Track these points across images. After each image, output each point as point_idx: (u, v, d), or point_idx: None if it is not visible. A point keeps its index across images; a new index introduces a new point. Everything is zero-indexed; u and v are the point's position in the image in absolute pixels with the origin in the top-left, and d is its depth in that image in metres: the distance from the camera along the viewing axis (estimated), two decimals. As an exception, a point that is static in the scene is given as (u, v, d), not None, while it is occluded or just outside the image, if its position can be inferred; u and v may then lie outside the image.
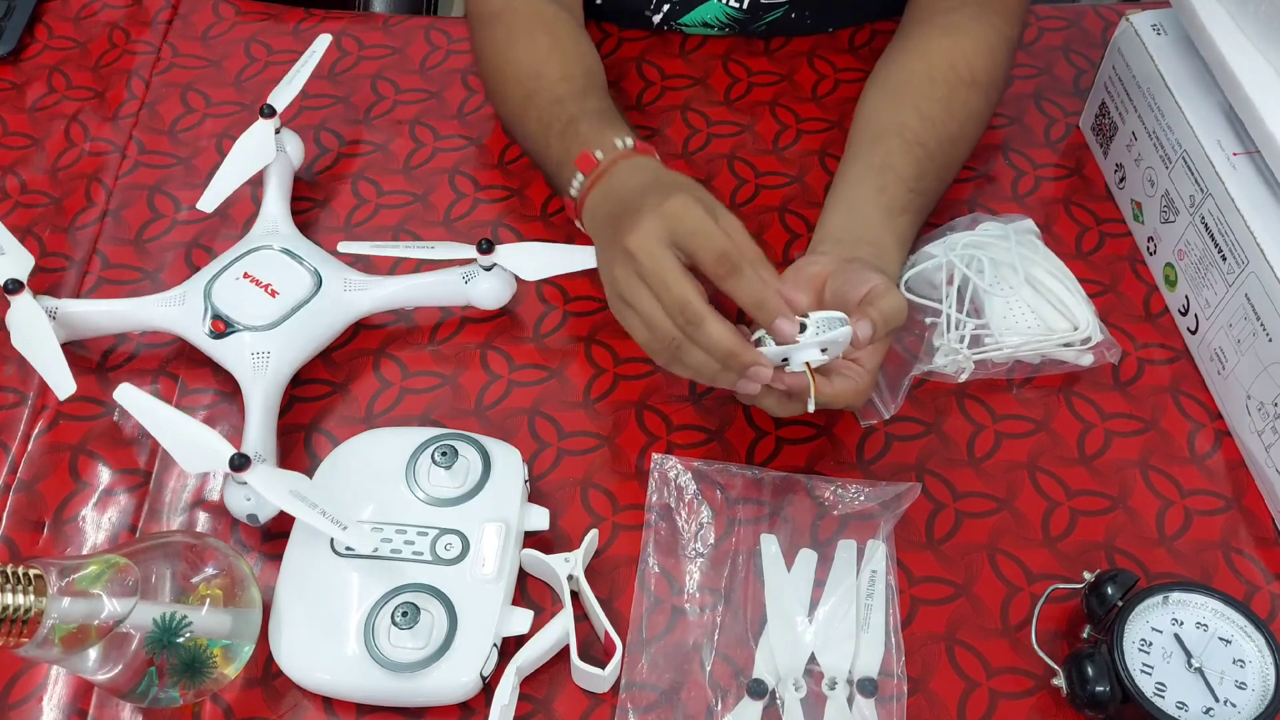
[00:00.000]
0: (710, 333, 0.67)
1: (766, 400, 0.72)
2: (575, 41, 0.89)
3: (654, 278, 0.68)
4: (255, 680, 0.70)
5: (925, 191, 0.83)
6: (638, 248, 0.68)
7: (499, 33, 0.89)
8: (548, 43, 0.87)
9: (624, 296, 0.70)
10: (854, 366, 0.72)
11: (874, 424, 0.80)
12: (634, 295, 0.69)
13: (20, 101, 0.99)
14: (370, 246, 0.84)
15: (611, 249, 0.72)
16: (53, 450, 0.79)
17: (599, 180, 0.78)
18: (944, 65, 0.85)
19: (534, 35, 0.87)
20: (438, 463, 0.73)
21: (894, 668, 0.69)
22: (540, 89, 0.85)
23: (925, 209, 0.84)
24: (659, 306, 0.68)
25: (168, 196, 0.93)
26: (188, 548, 0.67)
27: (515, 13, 0.89)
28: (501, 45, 0.88)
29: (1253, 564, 0.75)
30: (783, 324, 0.67)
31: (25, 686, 0.70)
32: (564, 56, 0.87)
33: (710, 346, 0.68)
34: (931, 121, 0.84)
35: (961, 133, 0.85)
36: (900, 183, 0.81)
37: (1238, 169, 0.79)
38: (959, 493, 0.77)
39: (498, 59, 0.89)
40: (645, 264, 0.68)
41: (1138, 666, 0.66)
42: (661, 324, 0.68)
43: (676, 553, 0.74)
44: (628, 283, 0.69)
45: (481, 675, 0.68)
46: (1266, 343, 0.75)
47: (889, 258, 0.79)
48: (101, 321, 0.82)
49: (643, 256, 0.68)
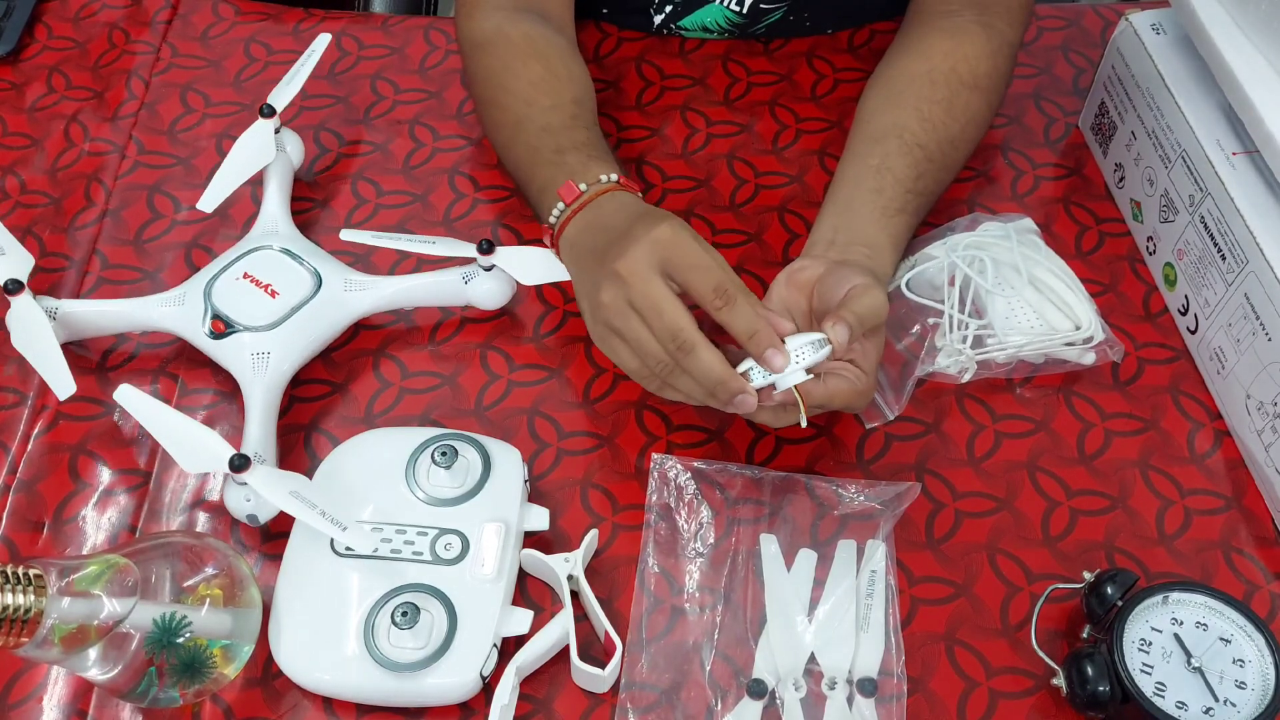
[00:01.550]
0: (701, 361, 0.68)
1: (762, 415, 0.73)
2: (566, 67, 0.88)
3: (647, 303, 0.68)
4: (255, 680, 0.70)
5: (923, 192, 0.83)
6: (629, 273, 0.68)
7: (493, 60, 0.89)
8: (540, 71, 0.87)
9: (611, 323, 0.71)
10: (849, 367, 0.72)
11: (875, 426, 0.80)
12: (623, 322, 0.70)
13: (20, 101, 0.99)
14: (371, 236, 0.84)
15: (595, 276, 0.72)
16: (53, 450, 0.79)
17: (579, 211, 0.78)
18: (945, 68, 0.85)
19: (527, 63, 0.87)
20: (438, 463, 0.73)
21: (894, 667, 0.69)
22: (531, 116, 0.85)
23: (923, 209, 0.84)
24: (649, 333, 0.69)
25: (167, 196, 0.93)
26: (187, 548, 0.67)
27: (508, 39, 0.89)
28: (495, 72, 0.88)
29: (1253, 564, 0.75)
30: (773, 356, 0.68)
31: (25, 686, 0.70)
32: (555, 85, 0.86)
33: (700, 374, 0.69)
34: (931, 123, 0.84)
35: (962, 135, 0.85)
36: (898, 184, 0.81)
37: (1237, 169, 0.79)
38: (959, 492, 0.77)
39: (490, 86, 0.89)
40: (637, 289, 0.68)
41: (1137, 666, 0.66)
42: (652, 350, 0.69)
43: (676, 553, 0.74)
44: (616, 308, 0.70)
45: (481, 675, 0.68)
46: (1266, 342, 0.75)
47: (882, 258, 0.79)
48: (101, 322, 0.82)
49: (635, 282, 0.68)
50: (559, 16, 0.93)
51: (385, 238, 0.84)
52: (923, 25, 0.89)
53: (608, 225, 0.75)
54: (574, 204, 0.78)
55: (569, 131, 0.84)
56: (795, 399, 0.70)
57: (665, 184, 0.94)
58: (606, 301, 0.70)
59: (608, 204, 0.78)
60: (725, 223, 0.91)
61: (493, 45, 0.89)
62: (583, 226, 0.78)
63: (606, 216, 0.77)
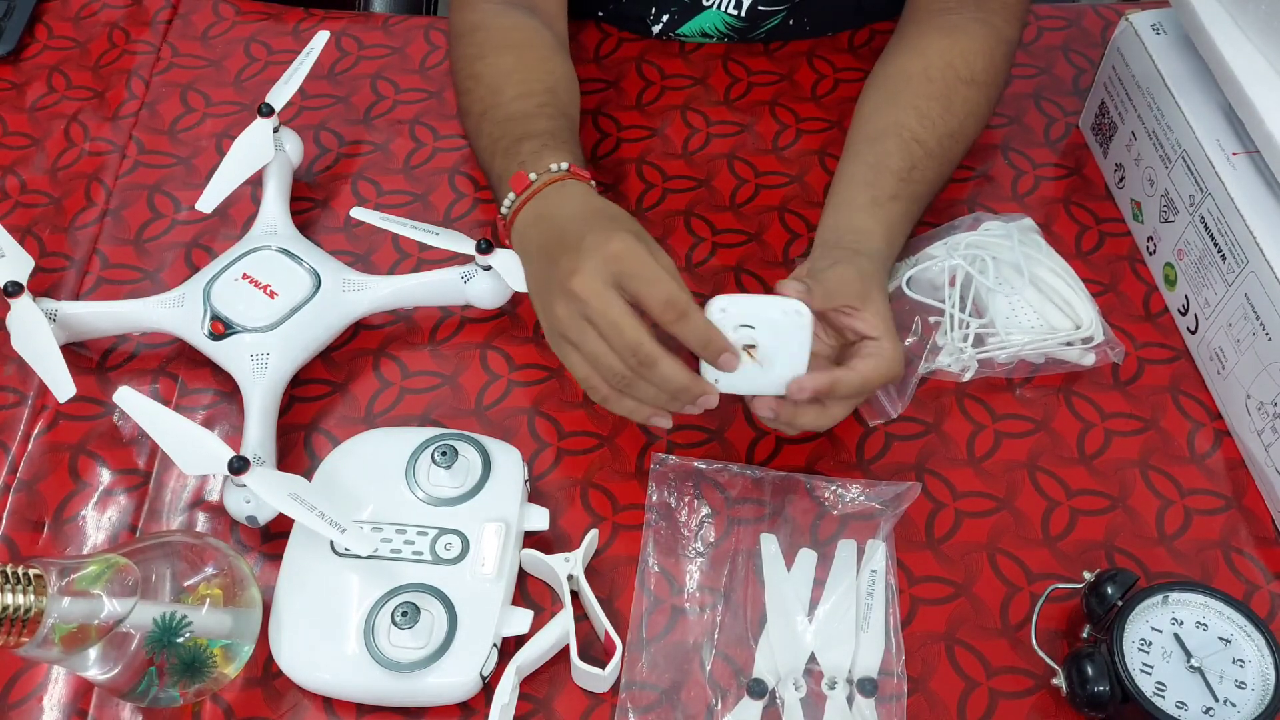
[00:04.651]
0: (663, 371, 0.69)
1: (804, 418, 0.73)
2: (542, 60, 0.88)
3: (604, 320, 0.68)
4: (255, 680, 0.70)
5: (919, 182, 0.83)
6: (583, 289, 0.69)
7: (469, 49, 0.89)
8: (512, 61, 0.87)
9: (567, 335, 0.71)
10: (870, 342, 0.72)
11: (878, 424, 0.80)
12: (580, 336, 0.70)
13: (20, 101, 0.99)
14: (379, 217, 0.84)
15: (547, 278, 0.73)
16: (53, 450, 0.79)
17: (528, 201, 0.78)
18: (941, 64, 0.85)
19: (501, 53, 0.87)
20: (438, 463, 0.73)
21: (894, 667, 0.69)
22: (497, 105, 0.85)
23: (920, 198, 0.84)
24: (606, 347, 0.69)
25: (167, 196, 0.93)
26: (187, 548, 0.67)
27: (489, 29, 0.88)
28: (469, 60, 0.88)
29: (1252, 564, 0.75)
30: (728, 359, 0.69)
31: (25, 686, 0.70)
32: (525, 75, 0.86)
33: (663, 383, 0.69)
34: (930, 119, 0.84)
35: (961, 129, 0.85)
36: (891, 175, 0.81)
37: (1237, 169, 0.79)
38: (959, 492, 0.77)
39: (464, 73, 0.89)
40: (593, 305, 0.68)
41: (1137, 666, 0.66)
42: (609, 364, 0.69)
43: (676, 552, 0.74)
44: (572, 322, 0.70)
45: (481, 675, 0.68)
46: (1266, 342, 0.75)
47: (871, 242, 0.79)
48: (101, 323, 0.82)
49: (589, 298, 0.68)
50: (549, 10, 0.92)
51: (393, 221, 0.84)
52: (919, 23, 0.89)
53: (553, 216, 0.75)
54: (523, 194, 0.78)
55: (531, 120, 0.83)
56: (828, 388, 0.70)
57: (665, 184, 0.94)
58: (561, 315, 0.71)
59: (554, 194, 0.77)
60: (725, 223, 0.91)
61: (472, 35, 0.89)
62: (532, 219, 0.77)
63: (552, 207, 0.76)
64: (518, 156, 0.80)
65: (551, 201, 0.77)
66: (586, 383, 0.72)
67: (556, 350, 0.74)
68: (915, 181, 0.82)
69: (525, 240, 0.78)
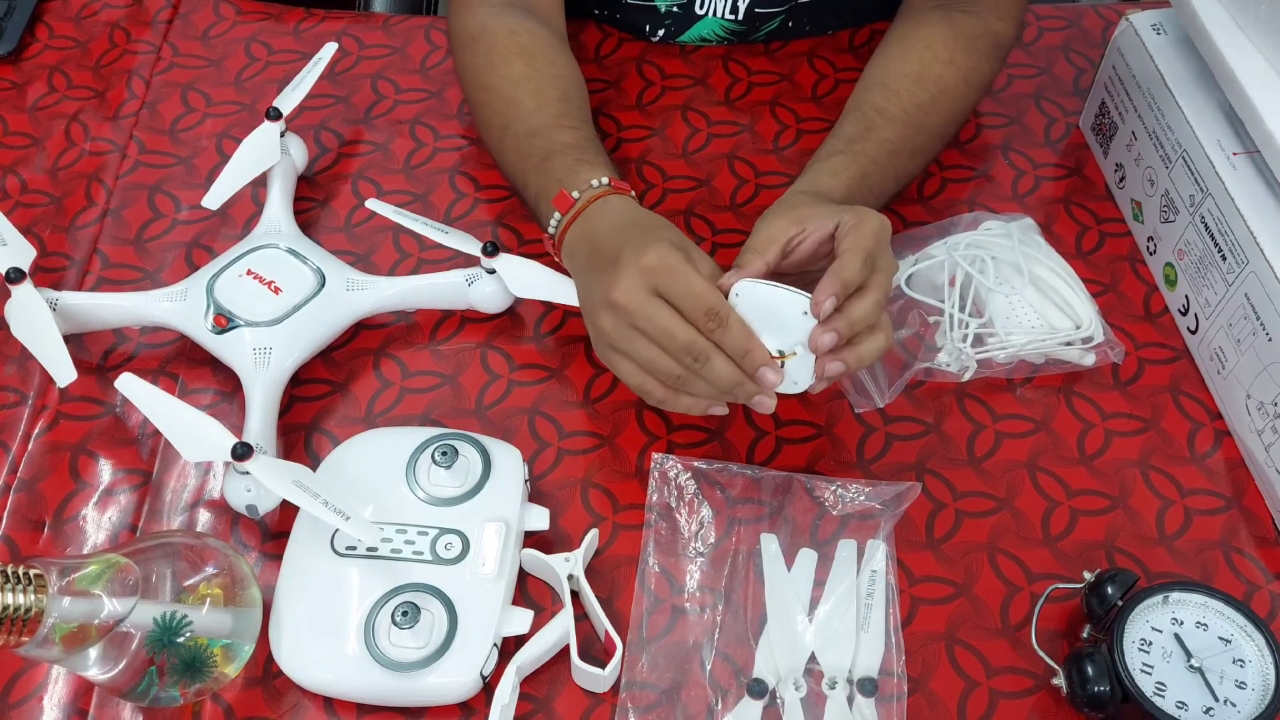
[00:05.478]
0: (719, 367, 0.69)
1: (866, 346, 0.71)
2: (551, 64, 0.88)
3: (653, 328, 0.69)
4: (255, 680, 0.70)
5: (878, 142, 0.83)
6: (627, 301, 0.69)
7: (476, 58, 0.89)
8: (521, 68, 0.87)
9: (617, 346, 0.72)
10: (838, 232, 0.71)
11: (861, 412, 0.80)
12: (630, 345, 0.71)
13: (21, 101, 1.00)
14: (394, 211, 0.85)
15: (594, 297, 0.73)
16: (53, 450, 0.79)
17: (575, 220, 0.78)
18: (920, 47, 0.87)
19: (510, 61, 0.87)
20: (438, 462, 0.73)
21: (894, 667, 0.69)
22: (517, 118, 0.85)
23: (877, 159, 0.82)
24: (659, 351, 0.70)
25: (168, 196, 0.93)
26: (188, 547, 0.67)
27: (492, 36, 0.88)
28: (479, 71, 0.88)
29: (1253, 564, 0.75)
30: (767, 374, 0.69)
31: (25, 686, 0.70)
32: (539, 83, 0.86)
33: (717, 379, 0.69)
34: (895, 92, 0.85)
35: (933, 103, 0.85)
36: (839, 138, 0.83)
37: (1237, 169, 0.79)
38: (959, 492, 0.77)
39: (475, 85, 0.89)
40: (640, 314, 0.69)
41: (1138, 666, 0.66)
42: (663, 367, 0.70)
43: (676, 552, 0.74)
44: (620, 333, 0.71)
45: (481, 675, 0.68)
46: (1266, 342, 0.75)
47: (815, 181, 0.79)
48: (102, 314, 0.82)
49: (634, 309, 0.69)
50: (546, 8, 0.93)
51: (406, 215, 0.84)
52: (909, 20, 0.90)
53: (596, 234, 0.76)
54: (569, 214, 0.79)
55: (555, 133, 0.83)
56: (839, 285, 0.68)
57: (666, 184, 0.94)
58: (607, 328, 0.71)
59: (597, 211, 0.78)
60: (725, 223, 0.91)
61: (476, 42, 0.89)
62: (578, 237, 0.78)
63: (595, 225, 0.77)
64: (553, 174, 0.80)
65: (594, 219, 0.77)
66: (640, 389, 0.72)
67: (606, 361, 0.74)
68: (869, 141, 0.83)
69: (574, 258, 0.78)
